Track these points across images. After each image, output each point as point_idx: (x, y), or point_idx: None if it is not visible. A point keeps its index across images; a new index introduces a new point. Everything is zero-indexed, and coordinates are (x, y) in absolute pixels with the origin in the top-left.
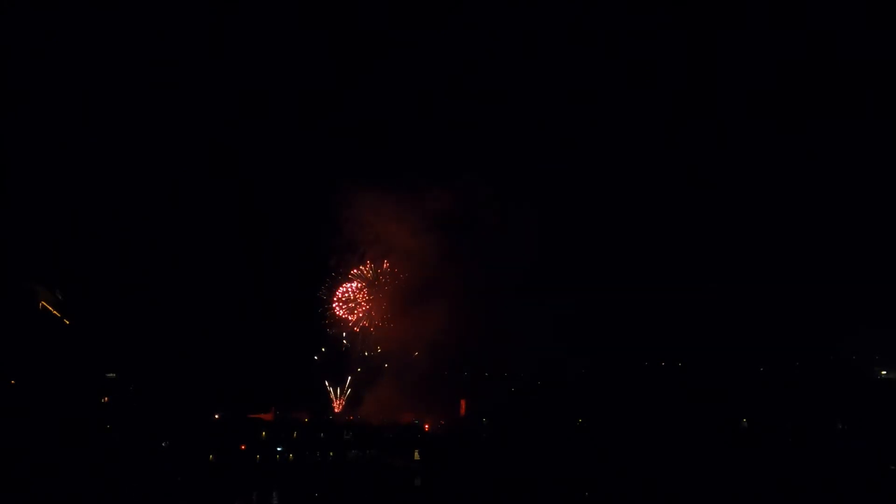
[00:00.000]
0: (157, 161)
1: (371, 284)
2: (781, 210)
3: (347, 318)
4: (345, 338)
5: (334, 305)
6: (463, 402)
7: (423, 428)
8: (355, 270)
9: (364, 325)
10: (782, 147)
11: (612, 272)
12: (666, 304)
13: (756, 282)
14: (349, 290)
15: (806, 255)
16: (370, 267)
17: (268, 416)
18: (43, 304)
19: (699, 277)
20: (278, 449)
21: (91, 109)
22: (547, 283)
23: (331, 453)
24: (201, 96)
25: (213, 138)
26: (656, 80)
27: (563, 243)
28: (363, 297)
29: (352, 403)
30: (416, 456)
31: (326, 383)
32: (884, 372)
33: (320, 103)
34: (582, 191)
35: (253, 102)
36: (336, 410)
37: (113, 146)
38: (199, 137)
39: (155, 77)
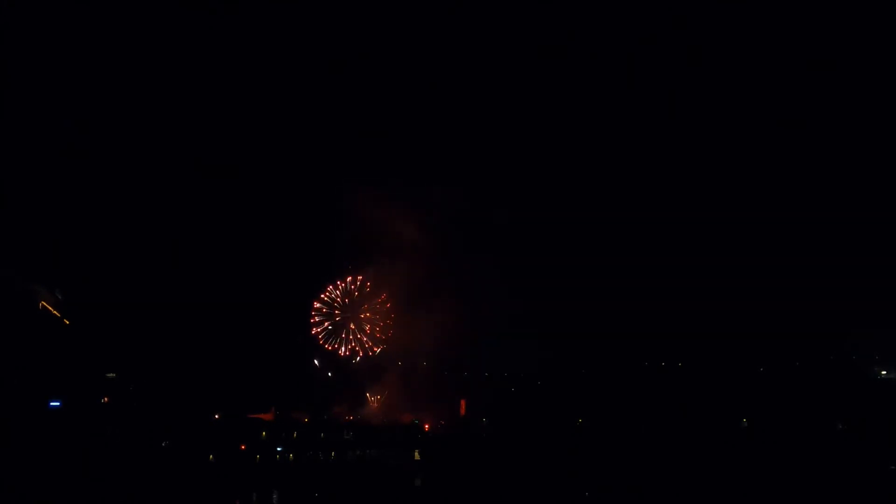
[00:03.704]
0: (157, 161)
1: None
2: (781, 209)
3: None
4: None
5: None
6: (463, 402)
7: (423, 428)
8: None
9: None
10: (781, 145)
11: (611, 271)
12: (666, 304)
13: (756, 282)
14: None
15: (806, 254)
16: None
17: (268, 416)
18: (43, 304)
19: (699, 277)
20: (278, 449)
21: (91, 109)
22: (546, 283)
23: (331, 453)
24: (201, 96)
25: (213, 138)
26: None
27: (562, 243)
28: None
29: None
30: (417, 456)
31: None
32: (884, 372)
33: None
34: (580, 186)
35: (250, 103)
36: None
37: (113, 146)
38: (199, 137)
39: (154, 76)
